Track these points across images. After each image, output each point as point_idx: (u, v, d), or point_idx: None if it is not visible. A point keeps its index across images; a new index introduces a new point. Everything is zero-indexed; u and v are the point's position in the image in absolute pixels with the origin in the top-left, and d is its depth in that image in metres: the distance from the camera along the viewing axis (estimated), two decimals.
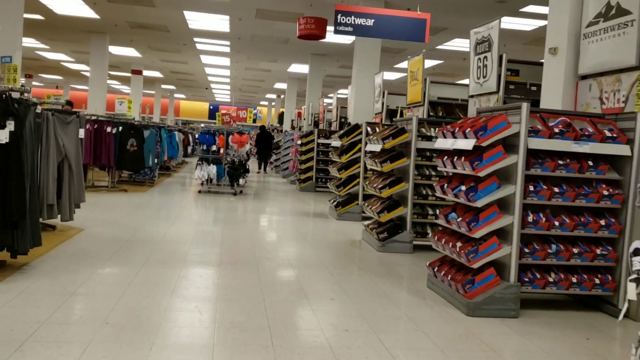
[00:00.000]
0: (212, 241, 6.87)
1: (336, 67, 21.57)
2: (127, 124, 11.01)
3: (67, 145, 6.65)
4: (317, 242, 7.29)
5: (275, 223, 8.73)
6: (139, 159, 11.12)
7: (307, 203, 11.87)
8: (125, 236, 6.76)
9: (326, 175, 13.84)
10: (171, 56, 22.21)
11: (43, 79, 33.56)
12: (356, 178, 9.36)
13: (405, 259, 6.69)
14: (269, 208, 10.54)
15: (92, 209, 8.70)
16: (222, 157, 11.88)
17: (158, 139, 12.48)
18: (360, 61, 13.28)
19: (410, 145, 6.96)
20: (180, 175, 16.62)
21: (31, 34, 19.48)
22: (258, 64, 22.51)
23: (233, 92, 33.43)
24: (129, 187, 12.11)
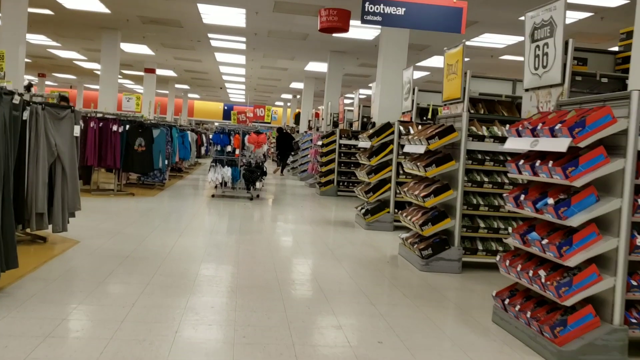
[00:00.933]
0: (227, 257, 5.81)
1: (356, 65, 20.47)
2: (134, 122, 10.02)
3: (60, 144, 5.63)
4: (348, 259, 6.20)
5: (297, 233, 7.66)
6: (148, 160, 10.12)
7: (330, 209, 10.79)
8: (126, 250, 5.72)
9: (348, 179, 12.76)
10: (185, 54, 21.24)
11: (57, 79, 32.82)
12: (387, 183, 8.27)
13: (454, 280, 5.59)
14: (289, 215, 9.47)
15: (93, 215, 7.69)
16: (238, 158, 10.84)
17: (169, 138, 11.48)
18: (386, 56, 12.17)
19: (459, 146, 5.85)
20: (193, 177, 15.62)
21: (41, 31, 18.62)
22: (274, 62, 21.46)
23: (248, 92, 32.44)
24: (137, 190, 11.11)
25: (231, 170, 10.61)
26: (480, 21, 13.69)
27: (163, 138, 10.98)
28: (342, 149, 12.70)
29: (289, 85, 28.06)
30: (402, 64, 12.21)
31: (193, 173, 16.88)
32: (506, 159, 6.01)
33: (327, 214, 9.97)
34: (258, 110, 11.18)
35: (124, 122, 9.91)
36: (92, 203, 8.93)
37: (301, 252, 6.38)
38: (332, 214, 10.12)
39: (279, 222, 8.63)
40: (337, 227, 8.41)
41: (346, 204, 11.69)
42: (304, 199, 12.33)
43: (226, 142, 10.75)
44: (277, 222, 8.56)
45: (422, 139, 5.96)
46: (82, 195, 10.03)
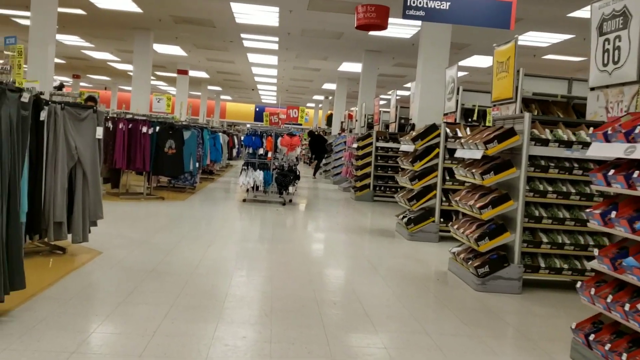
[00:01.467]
0: (259, 272, 5.24)
1: (391, 65, 19.77)
2: (165, 124, 9.58)
3: (81, 147, 5.16)
4: (392, 275, 5.57)
5: (333, 243, 7.06)
6: (178, 163, 9.66)
7: (367, 216, 10.17)
8: (151, 263, 5.21)
9: (385, 183, 12.10)
10: (217, 55, 20.90)
11: (91, 80, 33.00)
12: (432, 190, 7.60)
13: (514, 302, 4.91)
14: (324, 222, 8.88)
15: (119, 222, 7.24)
16: (270, 161, 10.31)
17: (200, 140, 11.03)
18: (427, 54, 11.48)
19: (521, 151, 5.17)
20: (224, 180, 15.18)
21: (74, 31, 18.50)
22: (307, 62, 20.94)
23: (279, 94, 32.04)
24: (168, 194, 10.68)
25: (263, 173, 10.09)
26: (525, 18, 12.88)
27: (194, 140, 10.52)
28: (378, 152, 12.05)
29: (321, 87, 27.52)
30: (443, 62, 11.50)
31: (224, 175, 16.46)
32: (573, 166, 5.29)
33: (364, 221, 9.34)
34: (291, 112, 10.62)
35: (154, 123, 9.48)
36: (120, 208, 8.51)
37: (339, 266, 5.77)
38: (369, 221, 9.49)
39: (313, 229, 8.05)
40: (376, 237, 7.78)
41: (383, 210, 11.04)
42: (338, 204, 11.73)
43: (258, 144, 10.23)
44: (311, 230, 7.98)
45: (479, 143, 5.29)
46: (110, 199, 9.68)
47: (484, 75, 20.22)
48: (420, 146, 7.62)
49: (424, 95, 11.45)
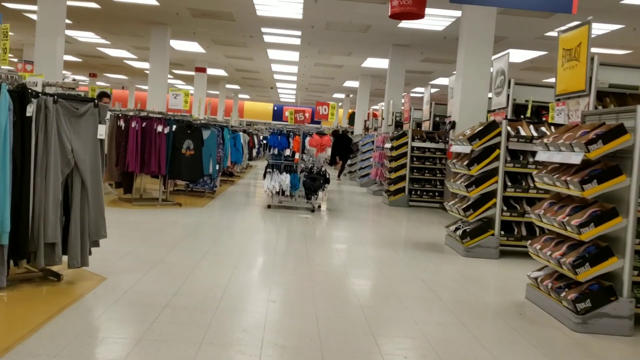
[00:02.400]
0: (299, 308, 4.15)
1: (418, 60, 18.56)
2: (182, 122, 8.54)
3: (79, 149, 4.12)
4: (462, 307, 4.44)
5: (378, 262, 5.94)
6: (197, 165, 8.63)
7: (406, 225, 9.04)
8: (166, 294, 4.15)
9: (422, 187, 10.95)
10: (236, 51, 19.89)
11: (108, 79, 32.23)
12: (492, 197, 6.45)
13: (626, 348, 3.76)
14: (360, 232, 7.78)
15: (130, 235, 6.21)
16: (297, 163, 9.23)
17: (220, 140, 9.99)
18: (468, 44, 10.30)
19: (631, 154, 4.01)
20: (245, 183, 14.14)
21: (89, 27, 17.61)
22: (330, 58, 19.82)
23: (299, 92, 30.97)
24: (185, 199, 9.65)
25: (290, 177, 9.00)
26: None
27: (214, 140, 9.48)
28: (414, 152, 10.91)
29: (343, 84, 26.40)
30: (487, 54, 10.33)
31: (245, 177, 15.41)
32: None
33: (404, 232, 8.22)
34: (321, 109, 9.50)
35: (170, 122, 8.45)
36: (132, 216, 7.49)
37: (395, 295, 4.66)
38: (410, 231, 8.36)
39: (351, 243, 6.94)
40: (424, 252, 6.65)
41: (422, 217, 9.90)
42: (371, 210, 10.62)
43: (284, 144, 9.15)
44: (349, 244, 6.87)
45: (575, 144, 4.14)
46: (122, 206, 8.64)
47: (517, 71, 18.93)
48: (478, 147, 6.47)
49: (465, 91, 10.28)
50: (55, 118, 4.00)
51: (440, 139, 10.94)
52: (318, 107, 9.32)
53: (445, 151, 10.80)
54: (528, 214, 6.47)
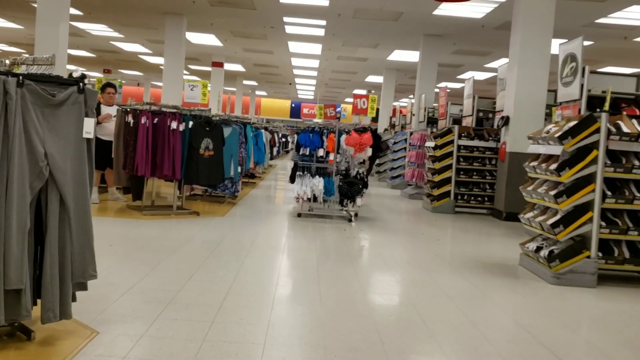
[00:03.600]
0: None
1: (449, 52, 17.09)
2: (200, 118, 7.24)
3: (56, 154, 2.82)
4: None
5: (454, 296, 4.57)
6: (217, 168, 7.34)
7: (461, 237, 7.67)
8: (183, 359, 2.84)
9: (469, 190, 9.54)
10: (256, 44, 18.58)
11: (123, 75, 31.11)
12: (587, 210, 5.06)
13: None
14: (414, 250, 6.42)
15: (136, 256, 4.92)
16: (332, 165, 7.90)
17: (242, 139, 8.68)
18: (525, 30, 8.89)
19: None
20: (267, 185, 12.84)
21: (101, 19, 16.42)
22: (354, 51, 18.42)
23: (318, 88, 29.62)
24: (203, 206, 8.37)
25: (324, 181, 7.67)
26: None
27: (236, 138, 8.19)
28: (461, 151, 9.51)
29: (365, 79, 25.01)
30: (546, 41, 8.92)
31: (266, 178, 14.09)
32: None
33: (463, 248, 6.84)
34: (359, 102, 8.12)
35: (186, 117, 7.16)
36: (141, 230, 6.22)
37: (498, 354, 3.30)
38: (470, 247, 6.98)
39: (409, 266, 5.58)
40: (502, 279, 5.27)
41: (475, 226, 8.52)
42: (414, 218, 9.26)
43: (317, 143, 7.81)
44: (407, 268, 5.51)
45: None
46: (130, 216, 7.03)
47: (553, 63, 17.37)
48: (571, 147, 5.08)
49: (521, 83, 8.87)
50: (21, 108, 2.70)
51: (490, 137, 9.53)
52: (355, 100, 7.97)
53: (497, 150, 9.39)
54: (632, 230, 5.08)
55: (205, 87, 8.83)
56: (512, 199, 8.87)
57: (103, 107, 7.81)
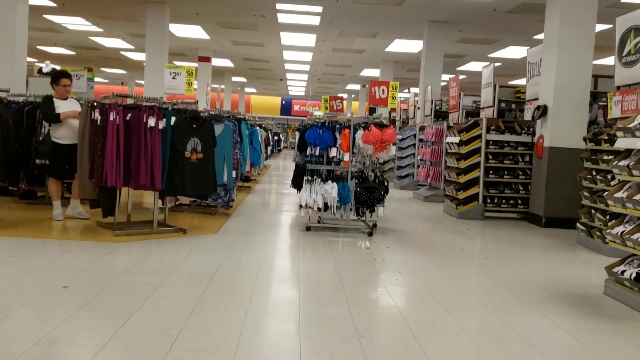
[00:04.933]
0: None
1: (453, 41, 15.64)
2: (185, 113, 5.72)
3: None
4: None
5: (548, 354, 3.14)
6: (207, 174, 5.82)
7: (508, 253, 6.22)
8: None
9: (500, 192, 8.11)
10: (245, 36, 17.01)
11: (106, 74, 29.34)
12: None
13: None
14: (462, 274, 4.95)
15: (97, 306, 3.37)
16: (347, 167, 6.43)
17: (237, 138, 7.15)
18: (565, 5, 7.48)
19: None
20: (264, 189, 11.33)
21: (77, 11, 14.77)
22: (351, 42, 16.93)
23: (310, 84, 28.08)
24: (191, 219, 6.86)
25: (338, 187, 6.18)
26: None
27: (229, 137, 6.69)
28: (490, 148, 8.07)
29: (359, 73, 23.53)
30: (591, 16, 7.52)
31: (262, 181, 12.54)
32: None
33: (523, 270, 5.37)
34: (377, 90, 6.59)
35: (168, 112, 5.63)
36: (110, 258, 4.70)
37: None
38: (528, 267, 5.51)
39: (470, 304, 4.12)
40: (595, 320, 3.83)
41: (515, 236, 7.10)
42: (440, 227, 7.81)
43: (329, 141, 6.32)
44: (468, 307, 4.05)
45: None
46: (100, 237, 5.34)
47: None
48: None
49: (562, 66, 7.45)
50: None
51: (524, 130, 8.10)
52: (373, 87, 6.50)
53: (532, 145, 7.98)
54: None
55: (191, 75, 7.27)
56: (554, 202, 7.48)
57: (57, 101, 6.17)
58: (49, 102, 6.08)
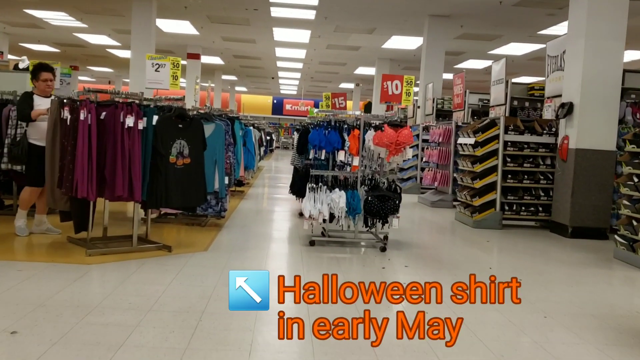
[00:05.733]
0: None
1: (453, 37, 14.80)
2: (169, 110, 4.83)
3: None
4: None
5: None
6: (197, 182, 4.94)
7: (541, 270, 5.41)
8: None
9: (519, 199, 7.30)
10: (236, 31, 16.09)
11: (93, 73, 28.22)
12: None
13: None
14: (505, 308, 4.14)
15: (51, 358, 2.50)
16: (356, 173, 5.58)
17: (230, 139, 6.27)
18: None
19: None
20: (258, 193, 10.45)
21: (60, 5, 13.78)
22: (346, 38, 16.06)
23: (302, 82, 27.19)
24: (177, 233, 5.97)
25: (346, 195, 5.33)
26: None
27: (221, 138, 5.81)
28: (508, 149, 7.26)
29: (354, 72, 22.68)
30: (623, 3, 6.74)
31: (255, 184, 11.63)
32: None
33: (564, 294, 4.56)
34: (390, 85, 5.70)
35: (149, 110, 4.75)
36: (78, 287, 3.81)
37: None
38: (569, 290, 4.71)
39: (522, 347, 3.31)
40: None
41: (544, 249, 6.29)
42: (457, 238, 7.00)
43: (336, 143, 5.46)
44: (523, 352, 3.23)
45: None
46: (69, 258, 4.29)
47: None
48: None
49: (590, 59, 6.66)
50: None
51: (545, 130, 7.30)
52: (385, 82, 5.65)
53: (554, 147, 7.19)
54: None
55: (177, 67, 6.35)
56: (581, 209, 6.69)
57: (37, 98, 5.27)
58: (27, 98, 5.18)
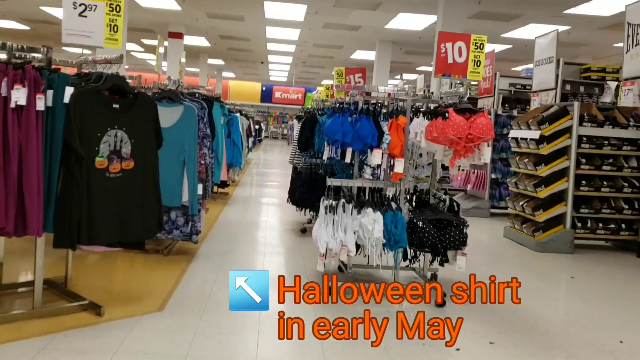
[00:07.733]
0: None
1: (467, 16, 12.71)
2: (96, 79, 2.74)
3: None
4: None
5: None
6: (145, 200, 2.88)
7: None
8: None
9: (595, 213, 5.33)
10: (223, 5, 13.84)
11: (68, 53, 25.63)
12: None
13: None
14: None
15: None
16: (400, 184, 3.56)
17: (206, 129, 4.18)
18: None
19: None
20: (245, 196, 8.36)
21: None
22: (347, 14, 13.87)
23: (294, 68, 24.94)
24: (122, 269, 3.90)
25: (386, 220, 3.31)
26: None
27: (192, 128, 3.73)
28: (582, 147, 5.28)
29: (350, 56, 20.52)
30: None
31: (242, 184, 9.46)
32: None
33: None
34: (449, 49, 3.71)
35: (58, 78, 2.65)
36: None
37: None
38: None
39: None
40: None
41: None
42: (521, 271, 5.02)
43: (369, 138, 3.41)
44: None
45: None
46: None
47: (595, 30, 13.25)
48: None
49: None
50: None
51: (630, 122, 5.32)
52: (443, 45, 3.60)
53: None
54: None
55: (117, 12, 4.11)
56: None
57: None
58: None
